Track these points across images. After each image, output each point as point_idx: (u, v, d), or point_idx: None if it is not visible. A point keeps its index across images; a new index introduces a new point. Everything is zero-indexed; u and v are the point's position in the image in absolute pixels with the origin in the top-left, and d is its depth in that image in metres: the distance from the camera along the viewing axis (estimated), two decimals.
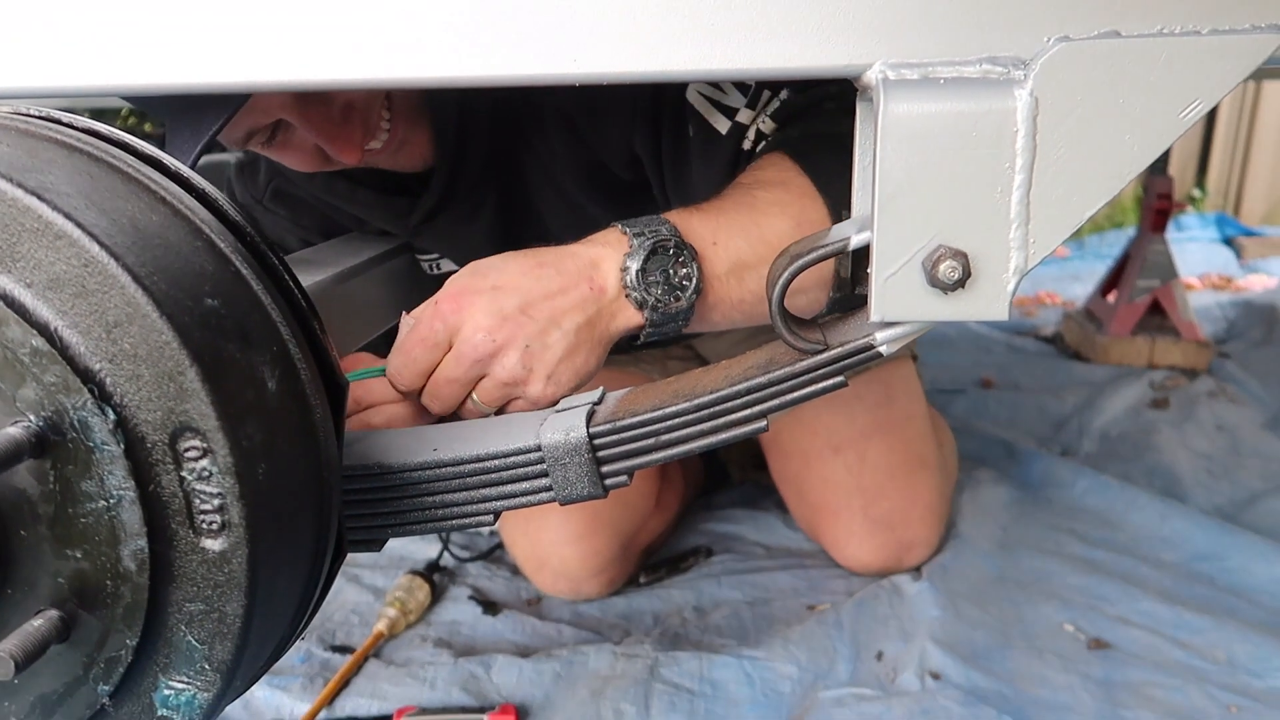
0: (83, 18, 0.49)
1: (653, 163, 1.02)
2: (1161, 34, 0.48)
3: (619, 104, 0.98)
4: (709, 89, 0.95)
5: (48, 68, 0.49)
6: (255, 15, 0.49)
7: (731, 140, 0.95)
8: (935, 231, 0.51)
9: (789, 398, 0.58)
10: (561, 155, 1.04)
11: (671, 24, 0.50)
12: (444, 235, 1.12)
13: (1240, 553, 1.38)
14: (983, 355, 2.49)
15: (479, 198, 1.08)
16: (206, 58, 0.49)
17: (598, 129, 1.00)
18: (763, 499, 1.63)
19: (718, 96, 0.95)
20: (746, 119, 0.95)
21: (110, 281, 0.39)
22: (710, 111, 0.96)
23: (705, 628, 1.29)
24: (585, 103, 0.99)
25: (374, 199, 1.07)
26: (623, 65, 0.51)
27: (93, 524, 0.41)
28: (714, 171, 0.97)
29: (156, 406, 0.40)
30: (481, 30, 0.50)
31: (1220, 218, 4.07)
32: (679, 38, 0.51)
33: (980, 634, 1.22)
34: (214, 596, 0.42)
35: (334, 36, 0.49)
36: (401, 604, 1.32)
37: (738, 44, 0.51)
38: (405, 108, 0.97)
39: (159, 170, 0.47)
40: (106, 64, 0.49)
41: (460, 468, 0.61)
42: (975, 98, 0.50)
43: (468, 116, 1.00)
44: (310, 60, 0.49)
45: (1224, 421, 1.98)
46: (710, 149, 0.96)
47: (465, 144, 1.01)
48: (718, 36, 0.51)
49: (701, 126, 0.96)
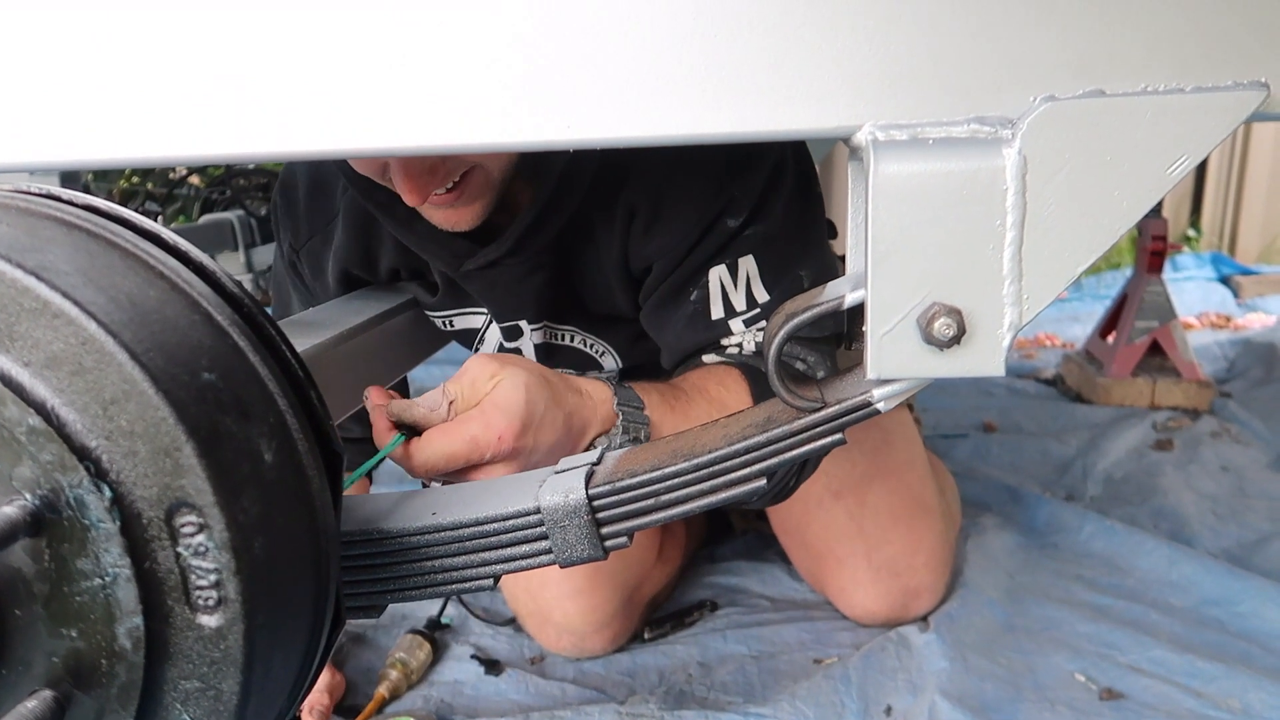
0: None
1: (654, 283, 1.09)
2: (1146, 92, 0.49)
3: (675, 221, 1.04)
4: (727, 276, 1.04)
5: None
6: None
7: (715, 330, 1.05)
8: (929, 289, 0.51)
9: (788, 455, 0.58)
10: (613, 244, 1.10)
11: (665, 90, 0.51)
12: (492, 284, 1.14)
13: (1251, 597, 1.37)
14: (984, 399, 2.49)
15: (540, 260, 1.11)
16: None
17: (648, 232, 1.06)
18: (765, 550, 1.61)
19: (728, 288, 1.04)
20: (737, 329, 1.05)
21: (107, 359, 0.39)
22: (716, 295, 1.05)
23: (711, 684, 1.27)
24: (651, 205, 1.05)
25: (431, 233, 1.08)
26: (618, 131, 0.52)
27: (88, 602, 0.40)
28: (685, 339, 1.07)
29: (153, 483, 0.40)
30: (489, 99, 0.51)
31: (1216, 257, 4.10)
32: (672, 103, 0.51)
33: (990, 686, 1.20)
34: (210, 674, 0.42)
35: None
36: (403, 665, 1.30)
37: (731, 107, 0.51)
38: (499, 165, 1.00)
39: (157, 245, 0.47)
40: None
41: (459, 531, 0.61)
42: (964, 157, 0.50)
43: (564, 183, 1.03)
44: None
45: (1229, 462, 1.97)
46: (696, 322, 1.06)
47: (554, 207, 1.04)
48: (711, 100, 0.51)
49: (702, 299, 1.06)
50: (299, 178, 1.23)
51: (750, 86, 0.51)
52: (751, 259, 1.04)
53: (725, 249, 1.04)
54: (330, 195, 1.20)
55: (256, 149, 0.51)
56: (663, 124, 0.52)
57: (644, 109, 0.51)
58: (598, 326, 1.22)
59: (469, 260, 1.09)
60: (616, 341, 1.23)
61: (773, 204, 1.04)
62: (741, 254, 1.04)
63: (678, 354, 1.10)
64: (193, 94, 0.50)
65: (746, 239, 1.04)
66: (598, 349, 1.25)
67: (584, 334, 1.23)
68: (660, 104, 0.51)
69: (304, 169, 1.23)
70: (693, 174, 1.03)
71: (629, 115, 0.52)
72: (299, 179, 1.23)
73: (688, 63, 0.51)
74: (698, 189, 1.03)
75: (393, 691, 1.28)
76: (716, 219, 1.03)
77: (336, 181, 1.19)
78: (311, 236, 1.22)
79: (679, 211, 1.04)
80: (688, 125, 0.52)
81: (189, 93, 0.50)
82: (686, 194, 1.03)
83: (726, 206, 1.03)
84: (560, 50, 0.50)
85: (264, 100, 0.50)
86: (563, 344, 1.24)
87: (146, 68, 0.50)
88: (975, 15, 0.49)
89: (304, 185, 1.22)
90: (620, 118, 0.52)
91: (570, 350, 1.25)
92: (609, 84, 0.51)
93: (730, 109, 0.51)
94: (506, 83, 0.51)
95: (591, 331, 1.23)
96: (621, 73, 0.51)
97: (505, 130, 0.51)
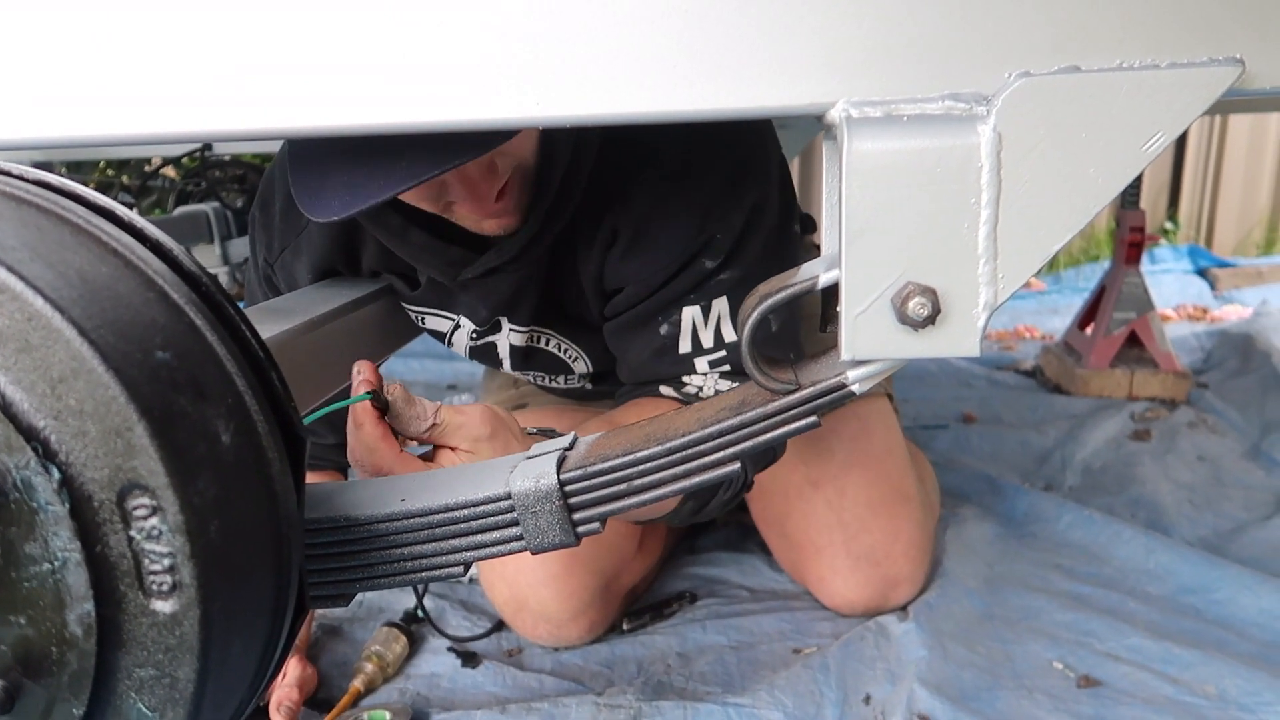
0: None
1: (623, 304, 1.09)
2: (1121, 68, 0.49)
3: (654, 251, 1.05)
4: (700, 315, 1.05)
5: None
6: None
7: (680, 365, 1.06)
8: (903, 268, 0.51)
9: (762, 439, 0.57)
10: (591, 260, 1.10)
11: (637, 67, 0.50)
12: (488, 291, 1.14)
13: (1227, 585, 1.37)
14: (964, 390, 2.50)
15: (534, 271, 1.12)
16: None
17: (625, 257, 1.07)
18: (746, 541, 1.61)
19: (699, 327, 1.06)
20: (701, 368, 1.06)
21: (54, 336, 0.38)
22: (686, 332, 1.06)
23: (690, 675, 1.26)
24: (632, 230, 1.06)
25: (426, 242, 1.06)
26: (586, 108, 0.51)
27: (37, 588, 0.39)
28: (648, 367, 1.09)
29: (103, 464, 0.39)
30: (443, 72, 0.49)
31: (1193, 249, 4.13)
32: (644, 80, 0.50)
33: (969, 674, 1.20)
34: (165, 661, 0.40)
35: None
36: (379, 658, 1.29)
37: (704, 84, 0.51)
38: (522, 173, 0.99)
39: (111, 221, 0.46)
40: None
41: (429, 518, 0.59)
42: (939, 134, 0.49)
43: (563, 192, 1.02)
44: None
45: (1205, 452, 1.98)
46: (663, 355, 1.07)
47: (555, 214, 1.04)
48: (682, 79, 0.51)
49: (672, 334, 1.07)
50: (276, 192, 1.21)
51: (723, 64, 0.50)
52: (724, 301, 1.05)
53: (700, 289, 1.05)
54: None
55: (245, 125, 0.50)
56: (635, 101, 0.51)
57: (615, 86, 0.50)
58: (575, 332, 1.23)
59: (466, 269, 1.08)
60: (590, 348, 1.24)
61: (751, 246, 1.04)
62: (716, 296, 1.05)
63: (638, 376, 1.11)
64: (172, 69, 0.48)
65: (722, 282, 1.04)
66: (571, 354, 1.26)
67: (560, 339, 1.24)
68: (632, 81, 0.50)
69: (282, 183, 1.20)
70: (677, 207, 1.03)
71: (600, 93, 0.51)
72: (276, 193, 1.21)
73: (660, 39, 0.50)
74: (679, 223, 1.03)
75: (368, 685, 1.26)
76: (694, 258, 1.03)
77: None
78: (284, 249, 1.21)
79: (658, 242, 1.04)
80: (660, 102, 0.51)
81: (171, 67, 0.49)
82: (668, 227, 1.04)
83: (705, 246, 1.03)
84: (530, 26, 0.49)
85: (252, 78, 0.49)
86: (540, 347, 1.25)
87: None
88: None
89: (280, 199, 1.20)
90: (591, 95, 0.51)
91: (546, 354, 1.26)
92: (579, 60, 0.50)
93: (703, 86, 0.51)
94: (484, 59, 0.49)
95: (569, 337, 1.23)
96: (593, 49, 0.50)
97: (469, 106, 0.50)
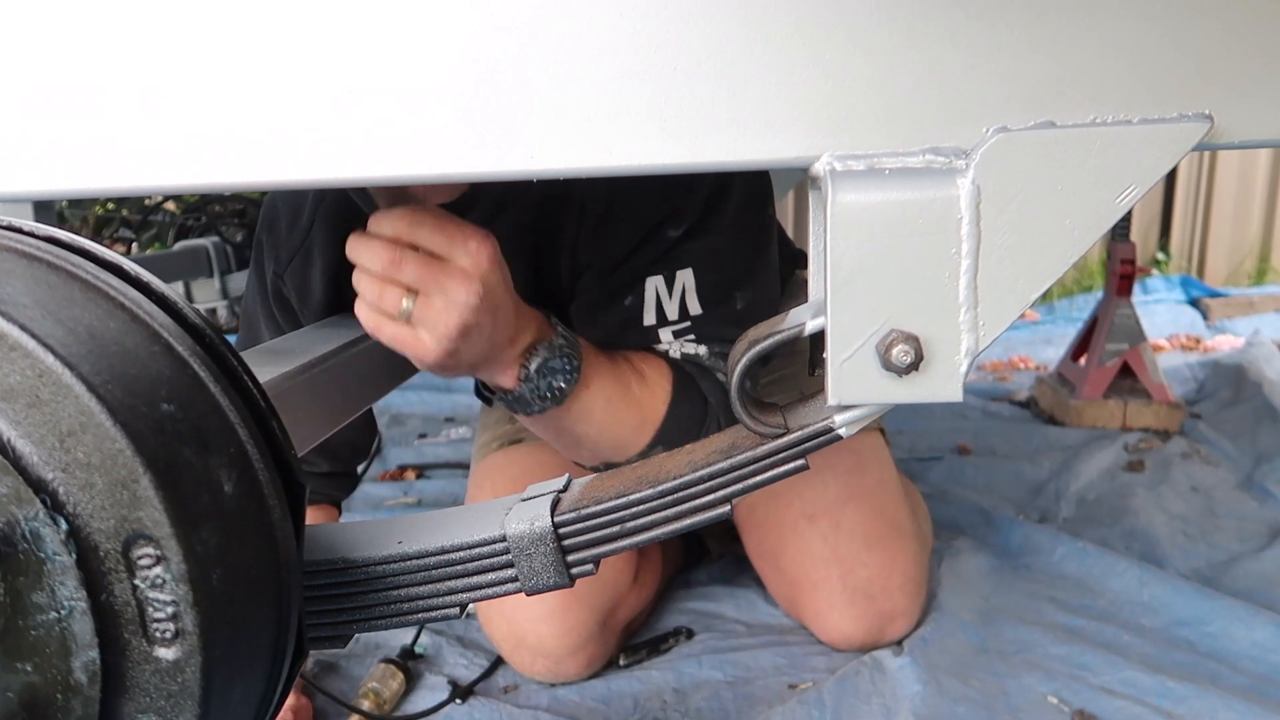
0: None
1: (590, 282, 1.13)
2: (1095, 124, 0.50)
3: (620, 224, 1.08)
4: (663, 286, 1.08)
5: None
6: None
7: (646, 337, 1.09)
8: (887, 316, 0.52)
9: (752, 481, 0.59)
10: (565, 234, 1.14)
11: (624, 121, 0.52)
12: None
13: (1220, 617, 1.38)
14: (959, 421, 2.51)
15: (522, 240, 1.14)
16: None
17: (594, 232, 1.10)
18: (741, 575, 1.62)
19: (663, 298, 1.09)
20: (666, 339, 1.09)
21: (64, 391, 0.39)
22: (650, 304, 1.08)
23: (686, 711, 1.26)
24: (601, 206, 1.10)
25: None
26: (581, 161, 0.53)
27: (44, 636, 0.40)
28: (615, 341, 1.10)
29: (110, 515, 0.40)
30: (450, 129, 0.51)
31: (1185, 279, 4.16)
32: (632, 134, 0.52)
33: (963, 709, 1.21)
34: (167, 707, 0.41)
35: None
36: (376, 695, 1.29)
37: (691, 138, 0.52)
38: None
39: (119, 276, 0.47)
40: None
41: (425, 560, 0.61)
42: (920, 187, 0.51)
43: (510, 189, 1.06)
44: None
45: (1199, 483, 1.99)
46: (629, 328, 1.10)
47: (503, 206, 1.08)
48: (671, 132, 0.52)
49: (636, 306, 1.09)
50: (280, 209, 1.24)
51: (710, 118, 0.52)
52: (690, 272, 1.07)
53: (664, 259, 1.07)
54: (302, 213, 1.22)
55: (226, 179, 0.52)
56: (623, 154, 0.53)
57: (604, 140, 0.52)
58: (558, 308, 1.24)
59: None
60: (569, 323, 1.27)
61: (716, 220, 1.07)
62: (680, 266, 1.07)
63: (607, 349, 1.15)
64: (170, 124, 0.50)
65: (686, 251, 1.07)
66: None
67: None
68: (620, 135, 0.52)
69: (284, 199, 1.23)
70: (641, 181, 1.05)
71: (589, 146, 0.52)
72: (280, 209, 1.24)
73: (647, 95, 0.52)
74: (644, 197, 1.06)
75: None
76: (656, 228, 1.07)
77: (306, 201, 1.20)
78: (293, 258, 1.23)
79: (624, 216, 1.07)
80: (648, 156, 0.53)
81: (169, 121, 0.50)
82: (633, 200, 1.07)
83: (669, 216, 1.06)
84: (520, 83, 0.51)
85: (226, 132, 0.50)
86: None
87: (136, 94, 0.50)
88: (929, 50, 0.51)
89: (284, 214, 1.23)
90: (586, 149, 0.53)
91: None
92: (570, 115, 0.52)
93: (690, 140, 0.52)
94: (469, 114, 0.51)
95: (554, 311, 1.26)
96: (589, 106, 0.52)
97: (468, 161, 0.52)
